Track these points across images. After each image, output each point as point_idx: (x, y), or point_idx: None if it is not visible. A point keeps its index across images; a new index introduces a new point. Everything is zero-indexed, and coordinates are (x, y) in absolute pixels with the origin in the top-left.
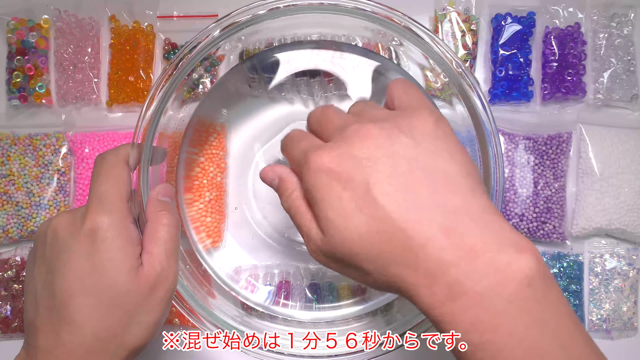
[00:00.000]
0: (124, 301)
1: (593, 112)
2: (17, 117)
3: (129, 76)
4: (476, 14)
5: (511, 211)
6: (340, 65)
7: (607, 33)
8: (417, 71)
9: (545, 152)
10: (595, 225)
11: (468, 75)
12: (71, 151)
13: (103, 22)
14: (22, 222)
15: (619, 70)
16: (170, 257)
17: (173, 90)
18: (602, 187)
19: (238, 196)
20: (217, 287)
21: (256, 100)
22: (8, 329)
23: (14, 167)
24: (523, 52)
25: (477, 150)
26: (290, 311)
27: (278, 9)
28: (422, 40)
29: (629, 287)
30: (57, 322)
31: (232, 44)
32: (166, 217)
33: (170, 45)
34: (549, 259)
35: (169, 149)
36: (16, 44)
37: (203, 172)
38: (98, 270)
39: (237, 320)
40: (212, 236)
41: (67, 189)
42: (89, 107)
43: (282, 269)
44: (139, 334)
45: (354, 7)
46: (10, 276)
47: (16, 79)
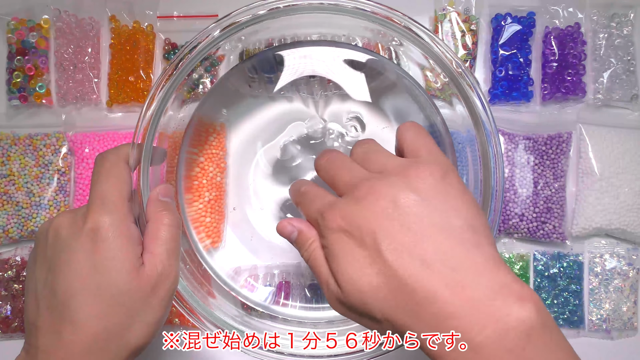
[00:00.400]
0: (125, 300)
1: (593, 112)
2: (17, 117)
3: (129, 76)
4: (476, 14)
5: (511, 211)
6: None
7: (607, 33)
8: (417, 71)
9: (545, 152)
10: (595, 225)
11: (468, 75)
12: (71, 151)
13: (103, 22)
14: (22, 222)
15: (619, 70)
16: (172, 257)
17: (173, 90)
18: (602, 187)
19: (238, 196)
20: (217, 287)
21: (256, 100)
22: (8, 329)
23: (14, 167)
24: (523, 52)
25: (477, 150)
26: (290, 311)
27: (278, 9)
28: (422, 40)
29: (629, 287)
30: (58, 322)
31: (232, 44)
32: (167, 216)
33: (170, 45)
34: (549, 259)
35: (169, 149)
36: (16, 44)
37: (203, 172)
38: (99, 270)
39: (237, 320)
40: (212, 236)
41: (67, 189)
42: (89, 107)
43: (282, 269)
44: (140, 333)
45: (354, 7)
46: (10, 276)
47: (16, 79)
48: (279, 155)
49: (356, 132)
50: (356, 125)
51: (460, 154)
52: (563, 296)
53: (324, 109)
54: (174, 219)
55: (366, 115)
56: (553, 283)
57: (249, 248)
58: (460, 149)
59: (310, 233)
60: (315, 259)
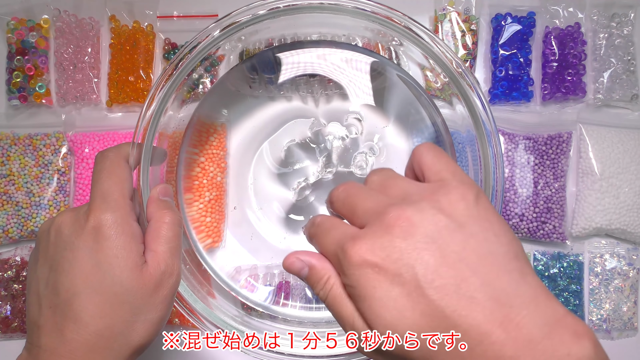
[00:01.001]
0: (128, 298)
1: (593, 112)
2: (17, 117)
3: (129, 76)
4: (476, 14)
5: (511, 211)
6: (341, 66)
7: (607, 33)
8: (417, 71)
9: (545, 152)
10: (595, 225)
11: (468, 75)
12: (71, 151)
13: (103, 22)
14: (22, 222)
15: (619, 70)
16: (175, 255)
17: (173, 90)
18: (602, 187)
19: (238, 196)
20: (217, 287)
21: (256, 100)
22: (8, 329)
23: (14, 167)
24: (523, 52)
25: (477, 150)
26: (290, 311)
27: (278, 9)
28: (422, 40)
29: (629, 287)
30: (60, 321)
31: (232, 44)
32: (169, 215)
33: (170, 45)
34: (549, 259)
35: (169, 149)
36: (16, 44)
37: (203, 172)
38: (102, 267)
39: (237, 320)
40: (212, 236)
41: (67, 189)
42: (89, 107)
43: (282, 269)
44: (143, 331)
45: (354, 7)
46: (10, 276)
47: (16, 79)
48: (283, 156)
49: (356, 133)
50: (357, 125)
51: (460, 154)
52: (563, 296)
53: (324, 109)
54: (176, 218)
55: (366, 115)
56: (553, 283)
57: (249, 248)
58: (460, 149)
59: (325, 268)
60: (335, 299)
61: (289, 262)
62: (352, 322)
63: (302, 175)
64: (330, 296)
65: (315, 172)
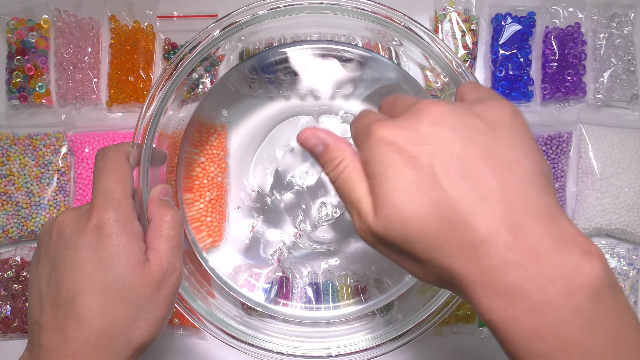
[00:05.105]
0: (130, 296)
1: (593, 112)
2: (17, 117)
3: (129, 76)
4: (476, 14)
5: None
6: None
7: (607, 33)
8: (417, 71)
9: (545, 152)
10: (595, 225)
11: (468, 75)
12: (71, 151)
13: (103, 22)
14: (22, 222)
15: (619, 70)
16: (176, 254)
17: (173, 90)
18: (602, 187)
19: (238, 196)
20: (217, 287)
21: (256, 100)
22: (8, 329)
23: (14, 167)
24: (523, 52)
25: None
26: (290, 311)
27: (278, 9)
28: (422, 40)
29: (629, 287)
30: (62, 319)
31: (232, 44)
32: (170, 214)
33: (170, 45)
34: None
35: (169, 149)
36: (16, 44)
37: (204, 172)
38: (104, 265)
39: (237, 320)
40: (213, 236)
41: (67, 189)
42: (89, 107)
43: (282, 269)
44: (146, 330)
45: (354, 7)
46: (10, 276)
47: (16, 79)
48: (280, 168)
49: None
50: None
51: None
52: None
53: (323, 108)
54: (177, 216)
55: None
56: None
57: (250, 248)
58: None
59: (340, 149)
60: (345, 182)
61: (304, 137)
62: (359, 205)
63: (302, 176)
64: (340, 179)
65: (294, 233)
